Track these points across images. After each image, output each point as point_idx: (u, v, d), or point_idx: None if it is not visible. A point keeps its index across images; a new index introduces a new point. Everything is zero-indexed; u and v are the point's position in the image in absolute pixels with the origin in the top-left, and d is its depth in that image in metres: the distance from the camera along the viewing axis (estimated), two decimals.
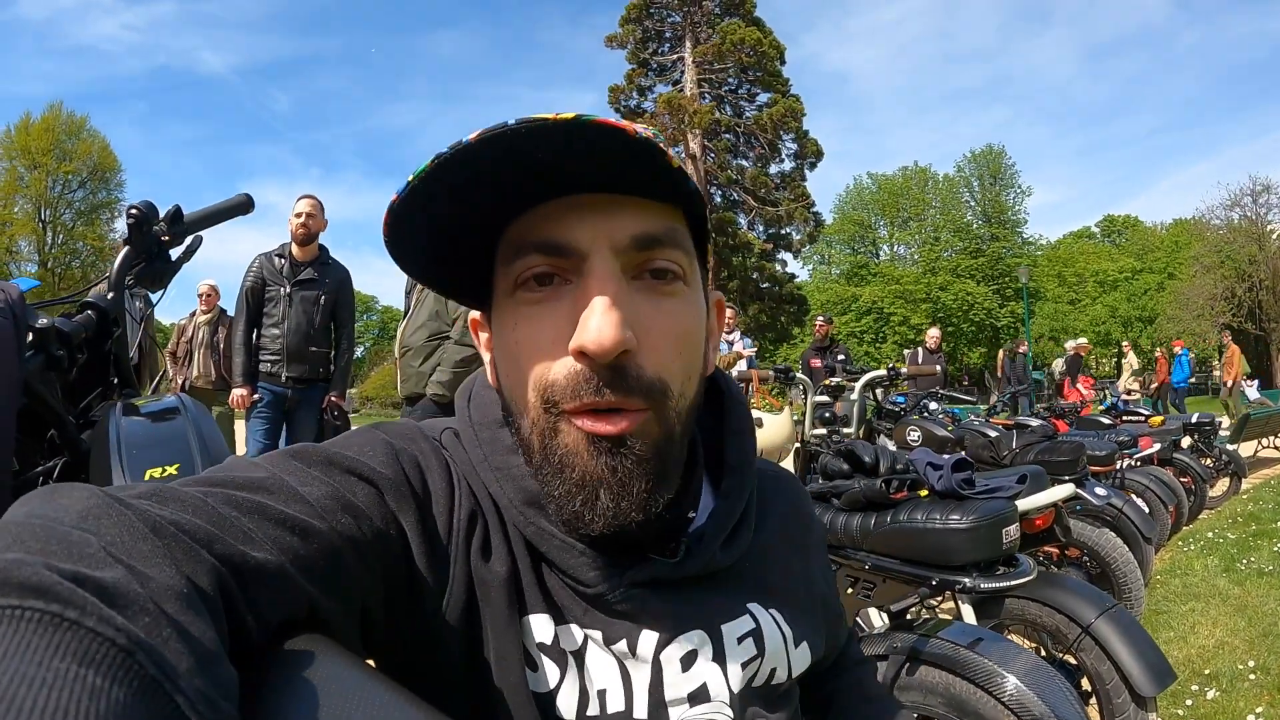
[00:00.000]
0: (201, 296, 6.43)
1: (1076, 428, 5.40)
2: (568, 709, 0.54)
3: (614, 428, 0.50)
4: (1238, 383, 12.39)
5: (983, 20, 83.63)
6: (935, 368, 5.38)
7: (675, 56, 25.64)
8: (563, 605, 0.57)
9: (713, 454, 0.66)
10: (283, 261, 4.18)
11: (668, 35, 25.85)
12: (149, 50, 75.65)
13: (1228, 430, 7.74)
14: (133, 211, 1.48)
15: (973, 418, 4.88)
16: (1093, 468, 3.62)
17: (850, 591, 1.92)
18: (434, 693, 0.51)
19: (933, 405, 4.58)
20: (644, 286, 0.53)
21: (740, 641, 0.60)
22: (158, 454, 1.15)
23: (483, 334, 0.62)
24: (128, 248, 1.48)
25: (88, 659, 0.27)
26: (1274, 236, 30.42)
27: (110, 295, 1.40)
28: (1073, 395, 8.73)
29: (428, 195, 0.49)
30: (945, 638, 1.55)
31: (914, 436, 4.25)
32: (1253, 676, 2.70)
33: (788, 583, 0.68)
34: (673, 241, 0.54)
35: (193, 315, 6.42)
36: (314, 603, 0.43)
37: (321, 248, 4.29)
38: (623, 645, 0.56)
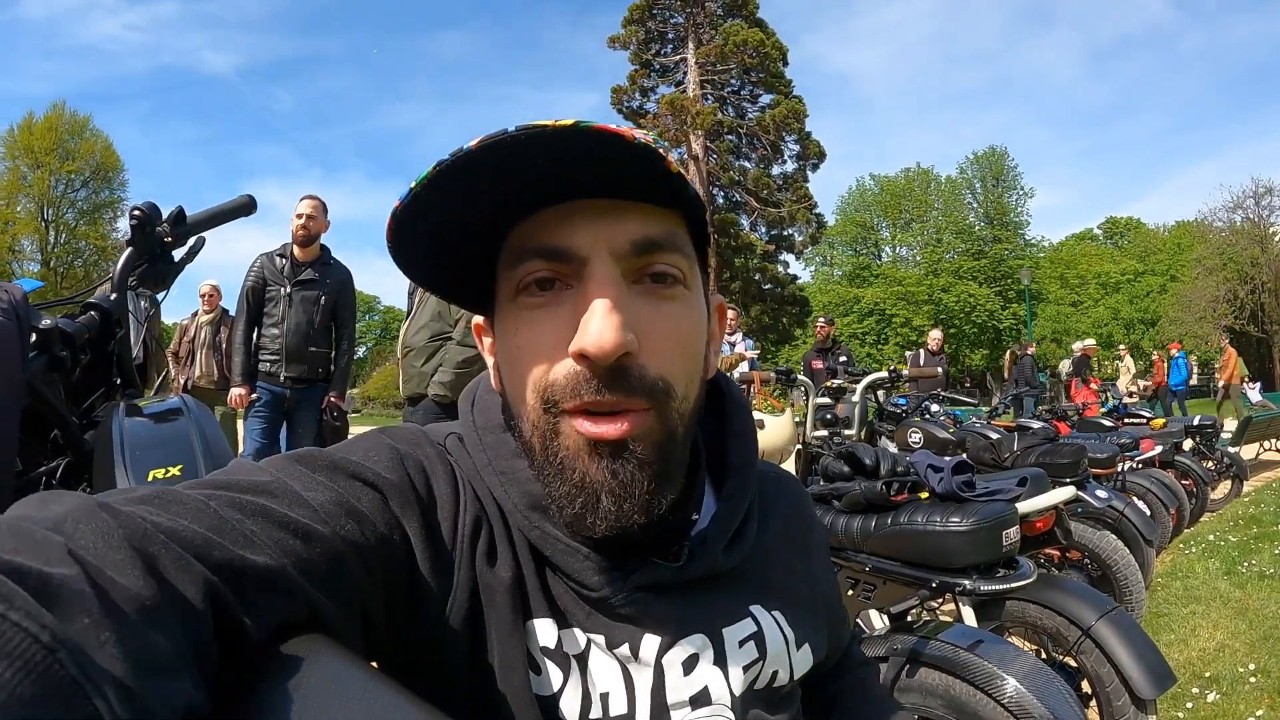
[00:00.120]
0: (204, 297, 6.45)
1: (1078, 430, 5.39)
2: (571, 712, 0.55)
3: (615, 432, 0.50)
4: (1233, 385, 12.36)
5: (985, 21, 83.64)
6: (937, 369, 5.39)
7: (678, 57, 25.64)
8: (566, 609, 0.57)
9: (714, 457, 0.66)
10: (284, 261, 4.18)
11: (670, 36, 25.86)
12: (152, 50, 75.68)
13: (1229, 433, 7.72)
14: (136, 213, 1.49)
15: (974, 420, 4.88)
16: (1094, 470, 3.62)
17: (851, 593, 1.92)
18: (437, 695, 0.51)
19: (934, 407, 4.58)
20: (644, 291, 0.53)
21: (742, 644, 0.60)
22: (161, 455, 1.15)
23: (486, 339, 0.63)
24: (130, 248, 1.48)
25: (2, 651, 0.26)
26: (1276, 239, 30.35)
27: (113, 296, 1.41)
28: (1079, 396, 8.72)
29: (430, 202, 0.49)
30: (945, 640, 1.55)
31: (915, 438, 4.25)
32: (1253, 679, 2.70)
33: (790, 584, 0.68)
34: (672, 246, 0.54)
35: (195, 315, 6.44)
36: (315, 605, 0.43)
37: (323, 248, 4.29)
38: (625, 649, 0.56)
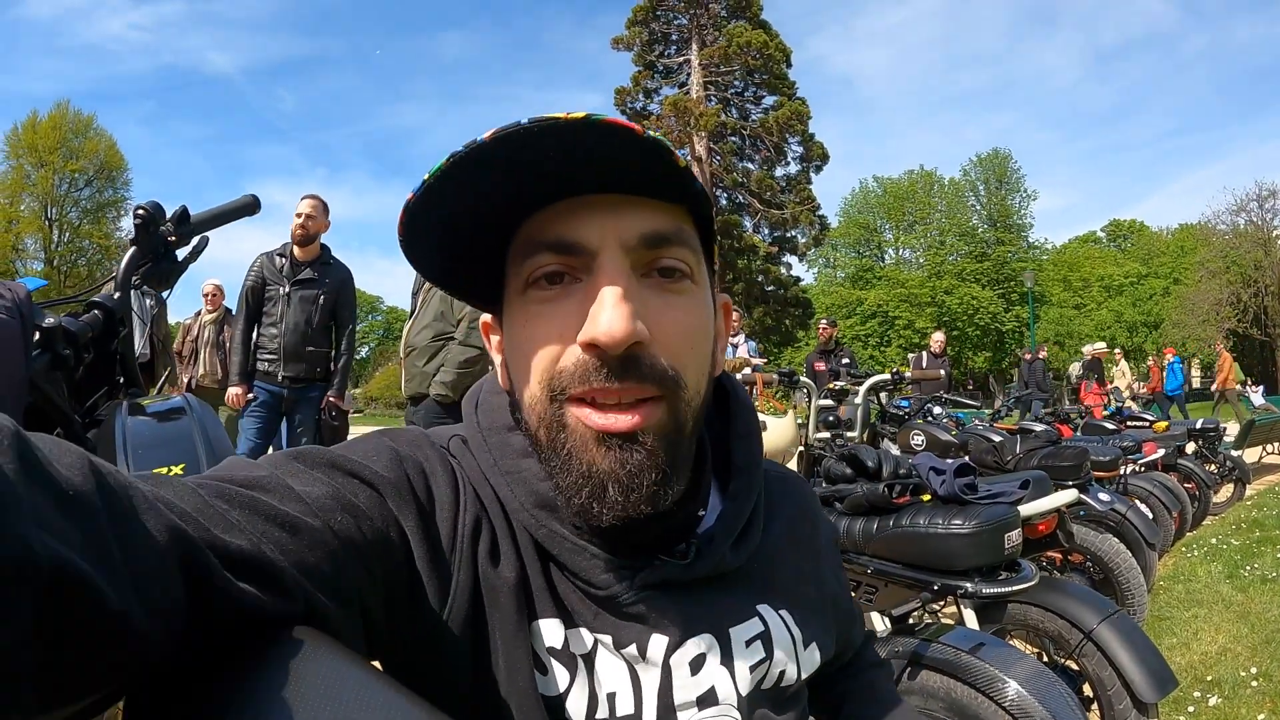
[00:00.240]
0: (207, 296, 6.46)
1: (1081, 433, 5.39)
2: (577, 712, 0.55)
3: (625, 425, 0.51)
4: (1229, 389, 12.35)
5: (988, 23, 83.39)
6: (939, 372, 5.38)
7: (681, 59, 25.62)
8: (573, 609, 0.57)
9: (720, 457, 0.67)
10: (283, 261, 4.16)
11: (674, 38, 25.83)
12: (156, 50, 75.58)
13: (1232, 436, 7.71)
14: (139, 212, 1.49)
15: (977, 422, 4.87)
16: (1096, 473, 3.62)
17: (853, 596, 1.92)
18: (439, 694, 0.52)
19: (937, 409, 4.57)
20: (653, 285, 0.54)
21: (749, 644, 0.60)
22: (163, 454, 1.15)
23: (493, 337, 0.63)
24: (134, 248, 1.49)
25: None
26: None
27: (117, 295, 1.41)
28: (1089, 399, 8.72)
29: (442, 193, 0.49)
30: (947, 642, 1.55)
31: (918, 441, 4.24)
32: (1255, 684, 2.69)
33: (797, 583, 0.68)
34: (681, 240, 0.55)
35: (198, 315, 6.46)
36: (311, 601, 0.43)
37: (323, 247, 4.27)
38: (633, 649, 0.56)
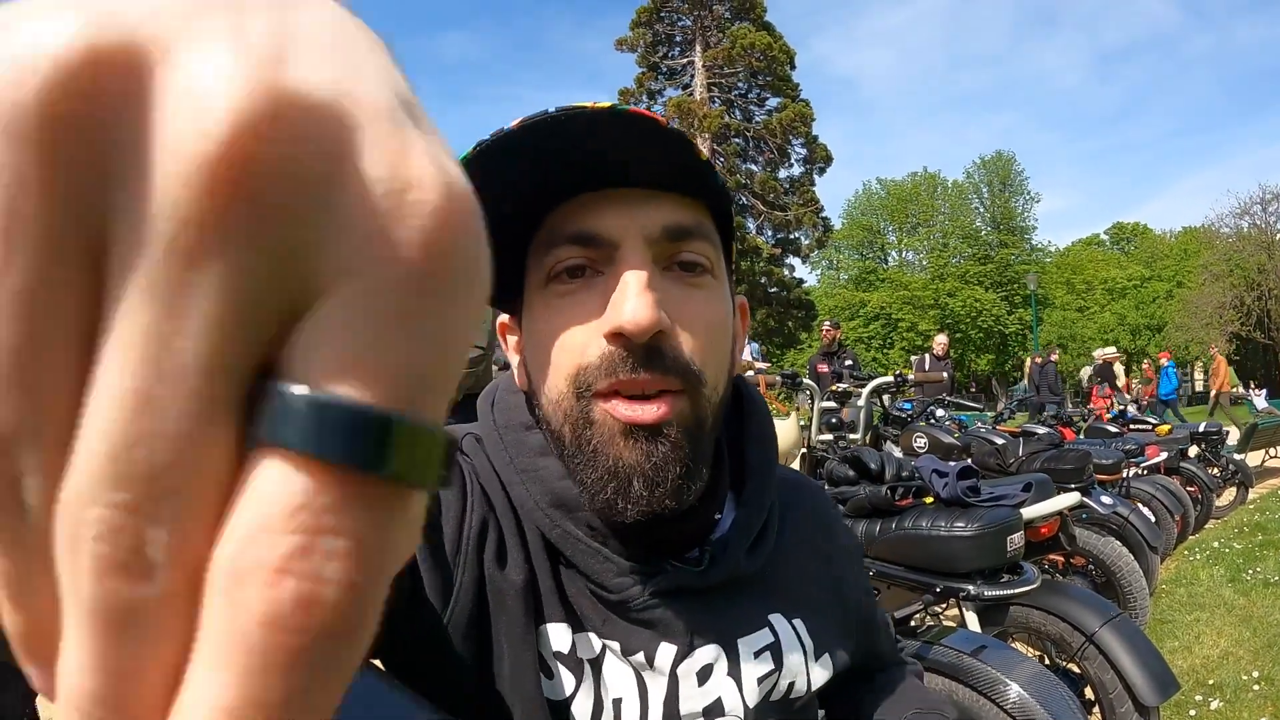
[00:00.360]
0: None
1: (1084, 436, 5.38)
2: (582, 717, 0.54)
3: (651, 415, 0.51)
4: (1223, 394, 12.34)
5: (991, 25, 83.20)
6: (942, 374, 5.37)
7: (685, 60, 25.61)
8: (582, 613, 0.56)
9: (733, 461, 0.66)
10: None
11: (678, 39, 25.82)
12: None
13: (1234, 440, 7.69)
14: None
15: (979, 425, 4.88)
16: (1099, 476, 3.62)
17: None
18: (442, 695, 0.52)
19: (939, 412, 4.57)
20: (674, 278, 0.54)
21: (757, 655, 0.60)
22: None
23: (510, 337, 0.62)
24: None
25: None
26: None
27: None
28: (1099, 402, 8.70)
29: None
30: (949, 645, 1.55)
31: (920, 443, 4.24)
32: (1257, 687, 2.69)
33: (811, 591, 0.67)
34: (702, 234, 0.55)
35: None
36: None
37: None
38: (640, 656, 0.56)
